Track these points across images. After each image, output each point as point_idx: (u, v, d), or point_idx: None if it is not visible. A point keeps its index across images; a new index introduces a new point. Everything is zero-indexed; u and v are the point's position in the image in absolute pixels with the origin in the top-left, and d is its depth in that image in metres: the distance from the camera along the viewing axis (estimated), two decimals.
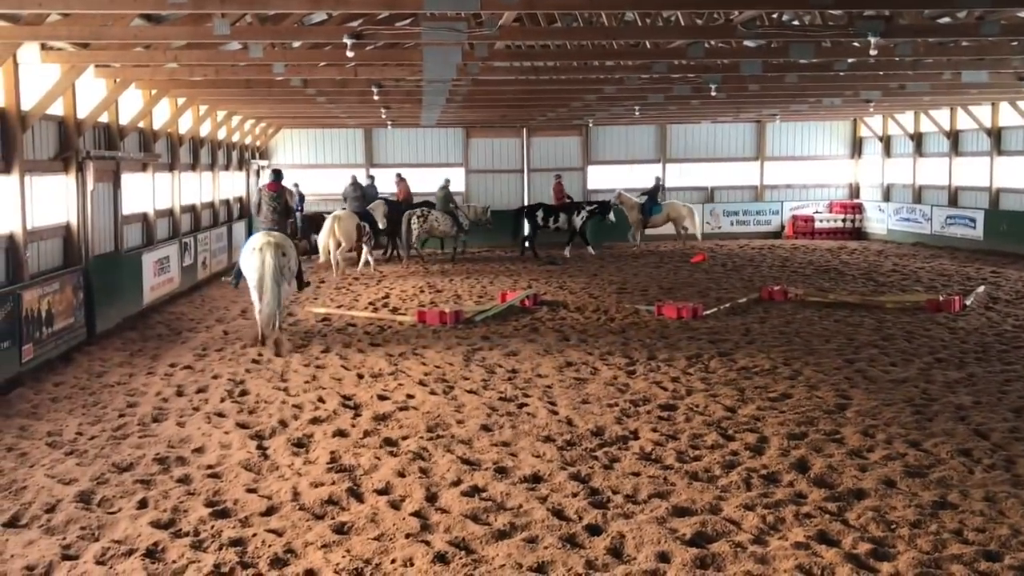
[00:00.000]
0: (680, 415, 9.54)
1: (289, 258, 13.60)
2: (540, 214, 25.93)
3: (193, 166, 22.17)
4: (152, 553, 6.24)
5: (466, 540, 6.35)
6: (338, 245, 21.94)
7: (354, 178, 25.15)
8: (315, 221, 24.10)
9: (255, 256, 13.30)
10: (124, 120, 16.90)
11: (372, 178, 27.21)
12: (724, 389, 10.59)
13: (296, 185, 26.72)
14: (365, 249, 22.87)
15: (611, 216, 26.81)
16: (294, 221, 18.38)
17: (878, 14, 12.22)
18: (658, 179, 28.53)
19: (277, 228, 14.07)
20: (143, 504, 7.16)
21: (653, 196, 27.97)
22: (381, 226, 24.78)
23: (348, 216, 22.30)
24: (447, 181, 26.60)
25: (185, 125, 21.14)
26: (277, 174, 15.19)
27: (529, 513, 6.80)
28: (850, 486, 7.32)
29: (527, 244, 26.22)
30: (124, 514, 6.93)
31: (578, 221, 26.01)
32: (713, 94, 18.67)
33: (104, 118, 16.02)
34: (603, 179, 32.16)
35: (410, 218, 24.58)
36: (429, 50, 13.30)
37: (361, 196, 23.81)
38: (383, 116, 24.95)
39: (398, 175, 28.47)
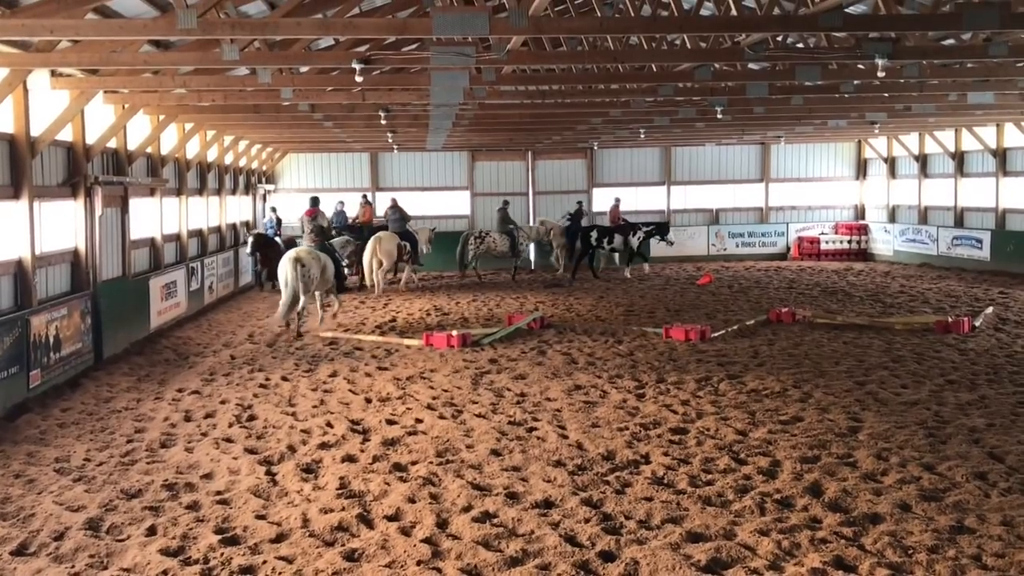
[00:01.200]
0: (691, 439, 9.47)
1: (309, 268, 16.41)
2: (594, 235, 26.01)
3: (200, 191, 22.24)
4: None
5: (478, 567, 6.29)
6: (380, 265, 22.58)
7: (394, 200, 25.77)
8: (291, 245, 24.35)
9: (283, 266, 16.56)
10: (132, 145, 16.98)
11: (342, 203, 26.71)
12: (735, 412, 10.52)
13: (273, 210, 26.54)
14: (407, 268, 24.16)
15: (670, 236, 27.09)
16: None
17: (884, 36, 12.26)
18: (580, 203, 28.29)
19: (316, 246, 17.34)
20: (152, 531, 7.11)
21: (577, 220, 27.44)
22: (425, 250, 25.49)
23: (389, 236, 22.90)
24: (505, 203, 27.36)
25: (192, 150, 21.23)
26: (314, 201, 18.76)
27: (541, 539, 6.73)
28: (865, 510, 7.24)
29: (591, 265, 26.34)
30: (133, 541, 6.88)
31: (634, 242, 26.22)
32: (719, 116, 18.72)
33: (112, 143, 16.09)
34: (608, 202, 32.17)
35: (467, 238, 25.86)
36: (437, 75, 13.35)
37: (400, 218, 24.65)
38: (389, 140, 25.06)
39: (364, 198, 28.18)
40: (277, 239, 24.27)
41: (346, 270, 20.92)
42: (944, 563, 6.21)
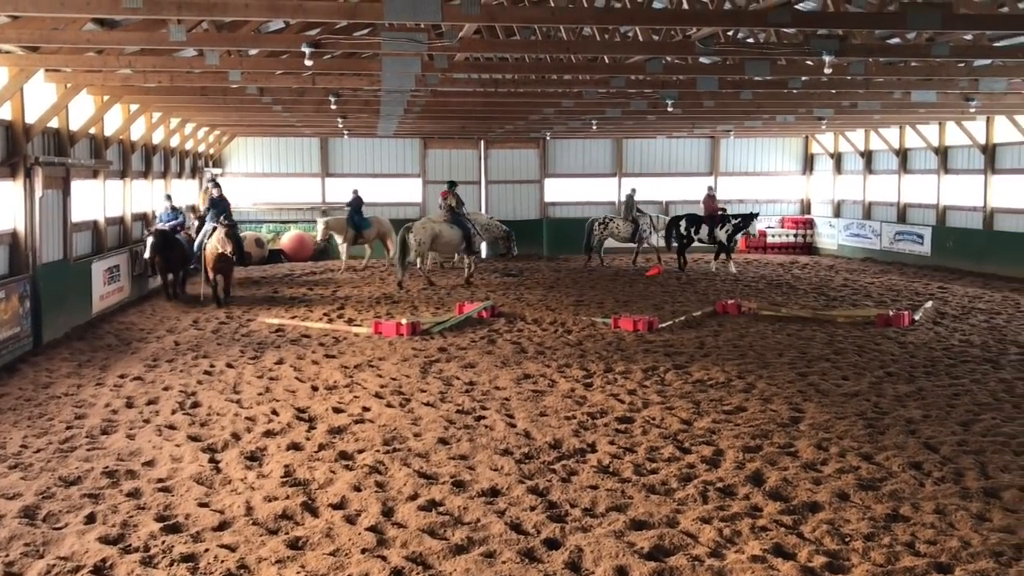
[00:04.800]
0: (637, 428, 9.56)
1: (416, 234, 21.40)
2: (683, 224, 25.93)
3: (145, 173, 21.82)
4: (100, 570, 6.08)
5: (423, 555, 6.29)
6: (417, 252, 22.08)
7: (450, 183, 24.76)
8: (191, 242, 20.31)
9: (400, 234, 21.49)
10: (75, 126, 16.57)
11: (218, 185, 21.24)
12: (680, 402, 10.65)
13: (168, 198, 21.16)
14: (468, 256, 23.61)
15: (754, 226, 26.60)
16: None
17: (832, 33, 12.46)
18: (356, 191, 26.69)
19: (449, 219, 22.11)
20: (91, 519, 6.98)
21: (357, 209, 26.14)
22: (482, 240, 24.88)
23: (421, 224, 22.12)
24: (633, 191, 27.78)
25: (138, 132, 20.81)
26: (451, 184, 23.12)
27: (487, 527, 6.76)
28: (805, 499, 7.39)
29: (683, 255, 26.11)
30: (71, 530, 6.75)
31: (721, 234, 25.80)
32: (669, 109, 18.88)
33: (54, 123, 15.69)
34: (561, 192, 32.34)
35: (592, 224, 26.98)
36: (388, 60, 13.25)
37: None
38: (340, 126, 24.81)
39: (211, 180, 23.94)
40: (178, 236, 19.64)
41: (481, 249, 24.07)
42: (879, 550, 6.36)
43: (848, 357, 13.27)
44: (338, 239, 26.31)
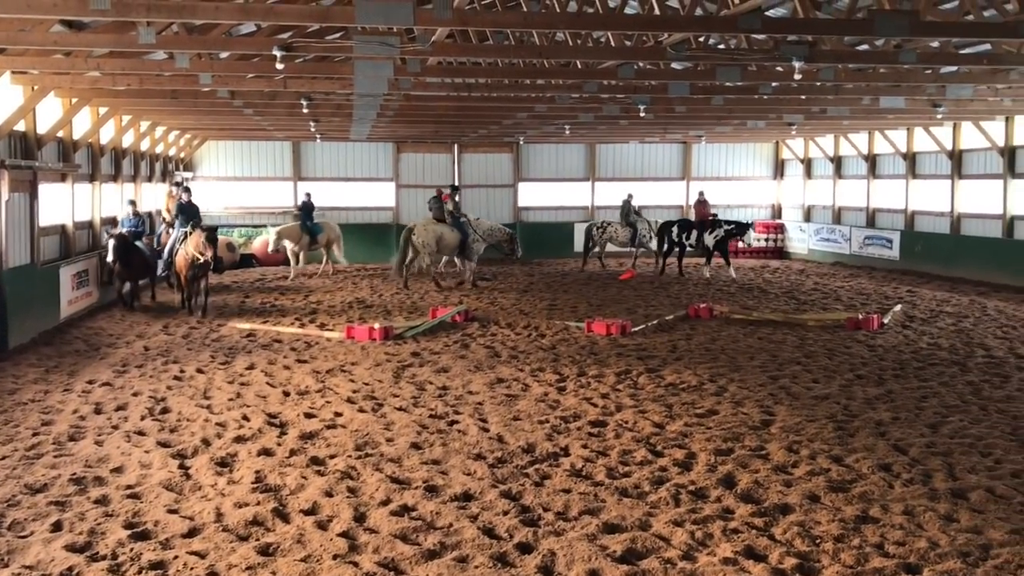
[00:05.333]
0: (610, 431, 9.58)
1: (419, 236, 21.63)
2: (675, 230, 25.74)
3: (115, 177, 21.59)
4: None
5: (395, 561, 6.26)
6: (416, 254, 22.14)
7: (438, 190, 24.44)
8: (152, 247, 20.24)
9: (403, 234, 22.00)
10: (42, 129, 16.36)
11: (188, 189, 20.85)
12: (652, 405, 10.68)
13: (132, 203, 20.70)
14: (457, 260, 23.79)
15: (750, 236, 26.21)
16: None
17: (801, 39, 12.59)
18: (308, 195, 26.13)
19: (450, 222, 22.29)
20: (57, 527, 6.88)
21: (308, 213, 25.46)
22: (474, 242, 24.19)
23: (423, 226, 22.21)
24: (630, 195, 27.91)
25: (107, 135, 20.58)
26: (453, 188, 24.03)
27: (459, 532, 6.74)
28: (776, 501, 7.43)
29: (678, 260, 26.00)
30: (37, 538, 6.65)
31: (710, 239, 25.36)
32: (642, 114, 18.97)
33: (21, 126, 15.49)
34: (534, 197, 32.39)
35: (590, 229, 27.57)
36: (360, 64, 13.22)
37: (440, 208, 23.23)
38: (312, 129, 24.70)
39: (178, 185, 23.17)
40: (139, 244, 18.98)
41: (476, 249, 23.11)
42: (849, 551, 6.42)
43: (818, 360, 13.38)
44: (291, 246, 25.50)
